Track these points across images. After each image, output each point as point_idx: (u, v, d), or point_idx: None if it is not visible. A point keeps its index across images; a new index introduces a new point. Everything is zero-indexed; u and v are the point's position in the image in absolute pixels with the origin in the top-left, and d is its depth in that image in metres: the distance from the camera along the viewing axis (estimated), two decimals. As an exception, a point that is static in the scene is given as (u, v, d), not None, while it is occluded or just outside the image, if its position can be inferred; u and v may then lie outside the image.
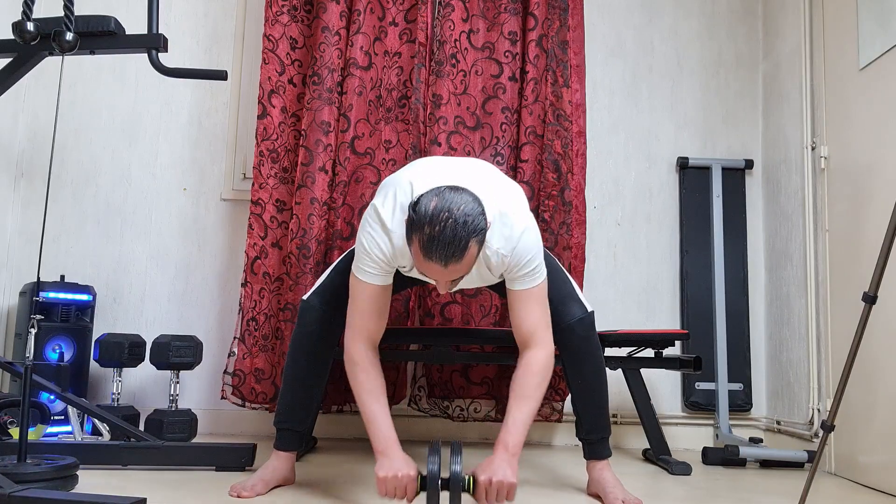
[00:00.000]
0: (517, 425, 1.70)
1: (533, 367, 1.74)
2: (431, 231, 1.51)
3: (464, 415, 2.85)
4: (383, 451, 1.69)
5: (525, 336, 1.77)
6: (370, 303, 1.77)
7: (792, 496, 2.04)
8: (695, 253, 3.06)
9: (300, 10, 2.92)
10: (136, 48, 2.11)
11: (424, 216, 1.53)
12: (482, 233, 1.56)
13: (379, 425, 1.72)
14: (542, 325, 1.77)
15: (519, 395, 1.72)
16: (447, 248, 1.51)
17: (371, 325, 1.78)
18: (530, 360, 1.75)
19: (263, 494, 1.85)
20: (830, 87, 2.63)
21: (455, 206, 1.53)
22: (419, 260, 1.57)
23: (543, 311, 1.78)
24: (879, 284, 1.63)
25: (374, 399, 1.74)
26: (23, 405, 1.72)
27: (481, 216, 1.56)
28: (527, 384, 1.73)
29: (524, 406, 1.71)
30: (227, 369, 2.79)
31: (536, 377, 1.74)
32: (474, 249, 1.55)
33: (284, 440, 1.96)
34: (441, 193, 1.56)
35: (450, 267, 1.54)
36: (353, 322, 1.78)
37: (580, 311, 1.90)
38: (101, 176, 3.08)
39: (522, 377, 1.74)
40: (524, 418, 1.71)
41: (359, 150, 2.83)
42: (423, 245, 1.53)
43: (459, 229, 1.51)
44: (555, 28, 2.88)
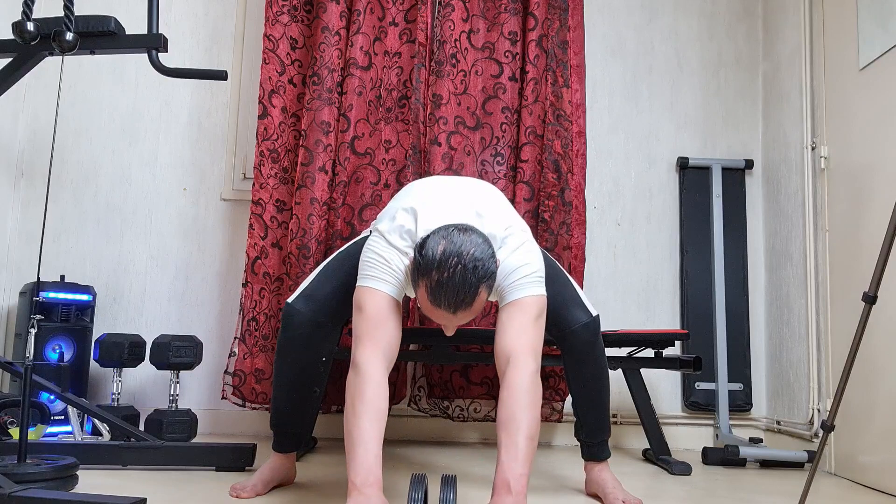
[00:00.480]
0: (516, 457, 1.44)
1: (516, 389, 1.49)
2: (440, 277, 1.44)
3: (464, 415, 2.85)
4: (360, 488, 1.38)
5: (501, 355, 1.56)
6: (385, 312, 1.57)
7: (792, 496, 2.04)
8: (695, 253, 3.06)
9: (300, 10, 2.92)
10: (136, 48, 2.11)
11: (432, 261, 1.45)
12: (492, 277, 1.49)
13: (366, 452, 1.42)
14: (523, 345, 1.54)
15: (507, 423, 1.47)
16: (457, 295, 1.44)
17: (387, 334, 1.56)
18: (511, 382, 1.51)
19: (263, 494, 1.85)
20: (830, 87, 2.63)
21: (465, 249, 1.45)
22: (426, 305, 1.50)
23: (528, 329, 1.56)
24: (879, 284, 1.63)
25: (372, 421, 1.45)
26: (23, 405, 1.72)
27: (491, 259, 1.49)
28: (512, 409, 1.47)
29: (516, 433, 1.45)
30: (228, 369, 2.79)
31: (523, 398, 1.48)
32: (484, 295, 1.48)
33: (282, 442, 1.95)
34: (449, 236, 1.48)
35: (459, 314, 1.48)
36: (364, 334, 1.55)
37: (584, 316, 1.84)
38: (101, 176, 3.08)
39: (505, 401, 1.49)
40: (521, 447, 1.44)
41: (359, 150, 2.83)
42: (430, 291, 1.46)
43: (469, 275, 1.44)
44: (555, 28, 2.89)
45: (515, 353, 1.53)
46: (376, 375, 1.50)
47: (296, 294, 1.86)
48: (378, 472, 1.41)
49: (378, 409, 1.47)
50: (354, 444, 1.43)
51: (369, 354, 1.53)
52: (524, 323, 1.57)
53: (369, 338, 1.55)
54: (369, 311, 1.57)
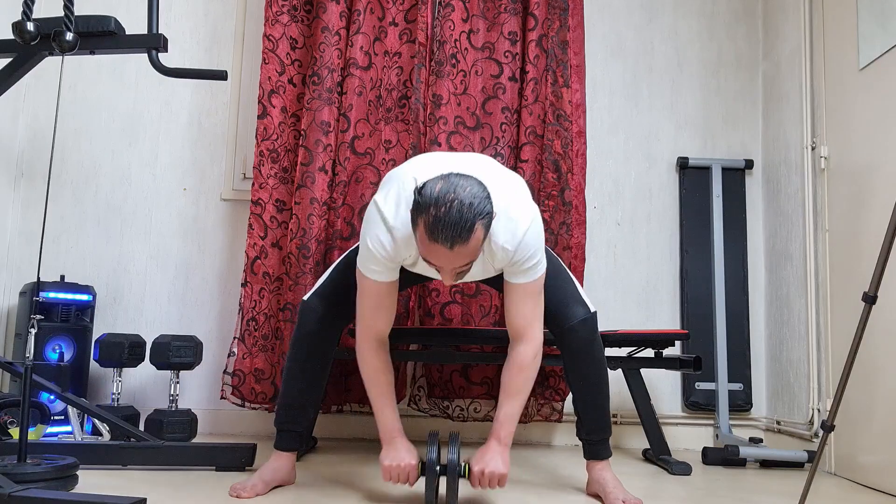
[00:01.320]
0: (508, 419, 1.79)
1: (522, 364, 1.79)
2: (437, 212, 1.50)
3: (464, 415, 2.85)
4: (388, 440, 1.79)
5: (516, 330, 1.81)
6: (377, 299, 1.80)
7: (792, 496, 2.04)
8: (695, 253, 3.06)
9: (300, 10, 2.92)
10: (136, 48, 2.11)
11: (430, 198, 1.52)
12: (488, 216, 1.55)
13: (385, 417, 1.81)
14: (533, 321, 1.80)
15: (509, 391, 1.80)
16: (453, 229, 1.50)
17: (379, 322, 1.81)
18: (519, 356, 1.80)
19: (263, 494, 1.85)
20: (830, 87, 2.63)
21: (461, 188, 1.53)
22: (424, 244, 1.55)
23: (536, 306, 1.81)
24: (879, 284, 1.63)
25: (380, 393, 1.82)
26: (23, 405, 1.72)
27: (487, 200, 1.55)
28: (516, 381, 1.79)
29: (514, 401, 1.79)
30: (227, 369, 2.79)
31: (525, 373, 1.79)
32: (480, 232, 1.54)
33: (284, 440, 1.96)
34: (447, 178, 1.56)
35: (456, 249, 1.52)
36: (361, 320, 1.82)
37: (583, 312, 1.88)
38: (101, 176, 3.08)
39: (513, 374, 1.80)
40: (514, 412, 1.79)
41: (359, 150, 2.83)
42: (428, 227, 1.52)
43: (466, 210, 1.50)
44: (555, 28, 2.88)
45: (529, 330, 1.80)
46: (372, 358, 1.82)
47: (311, 292, 1.96)
48: (398, 425, 1.81)
49: (382, 382, 1.82)
50: (376, 415, 1.82)
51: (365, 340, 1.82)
52: (535, 302, 1.80)
53: (367, 325, 1.81)
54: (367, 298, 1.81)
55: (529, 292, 1.78)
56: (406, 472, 1.74)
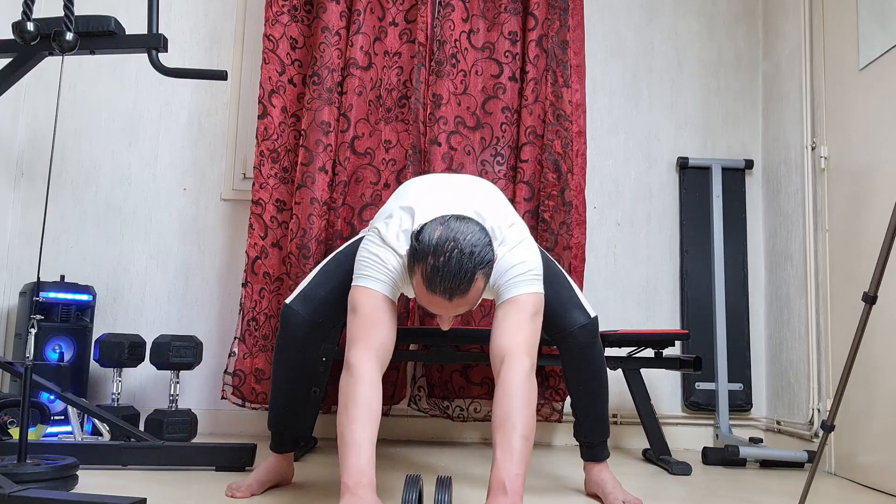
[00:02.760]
0: (511, 457, 1.43)
1: (510, 388, 1.48)
2: (436, 262, 1.42)
3: (464, 415, 2.85)
4: (352, 489, 1.38)
5: (497, 352, 1.55)
6: (379, 312, 1.57)
7: (792, 496, 2.04)
8: (695, 253, 3.06)
9: (300, 10, 2.92)
10: (136, 48, 2.11)
11: (428, 246, 1.44)
12: (489, 265, 1.47)
13: (359, 454, 1.42)
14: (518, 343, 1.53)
15: (502, 423, 1.46)
16: (452, 281, 1.42)
17: (381, 335, 1.55)
18: (506, 381, 1.50)
19: (258, 494, 1.85)
20: (830, 87, 2.63)
21: (461, 235, 1.44)
22: (422, 293, 1.48)
23: (524, 327, 1.55)
24: (879, 284, 1.63)
25: (365, 423, 1.45)
26: (23, 405, 1.72)
27: (488, 247, 1.47)
28: (507, 408, 1.47)
29: (512, 433, 1.45)
30: (228, 369, 2.79)
31: (517, 398, 1.47)
32: (481, 283, 1.46)
33: (279, 442, 1.95)
34: (446, 222, 1.47)
35: (454, 301, 1.45)
36: (358, 334, 1.55)
37: (583, 318, 1.83)
38: (101, 176, 3.08)
39: (500, 400, 1.48)
40: (516, 447, 1.44)
41: (359, 150, 2.83)
42: (426, 277, 1.44)
43: (466, 261, 1.42)
44: (555, 28, 2.88)
45: (510, 352, 1.53)
46: (369, 376, 1.50)
47: (294, 295, 1.85)
48: (371, 473, 1.41)
49: (371, 411, 1.46)
50: (347, 447, 1.43)
51: (362, 355, 1.52)
52: (520, 321, 1.56)
53: (362, 338, 1.54)
54: (363, 311, 1.56)
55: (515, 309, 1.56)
56: None
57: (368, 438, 1.44)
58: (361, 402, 1.46)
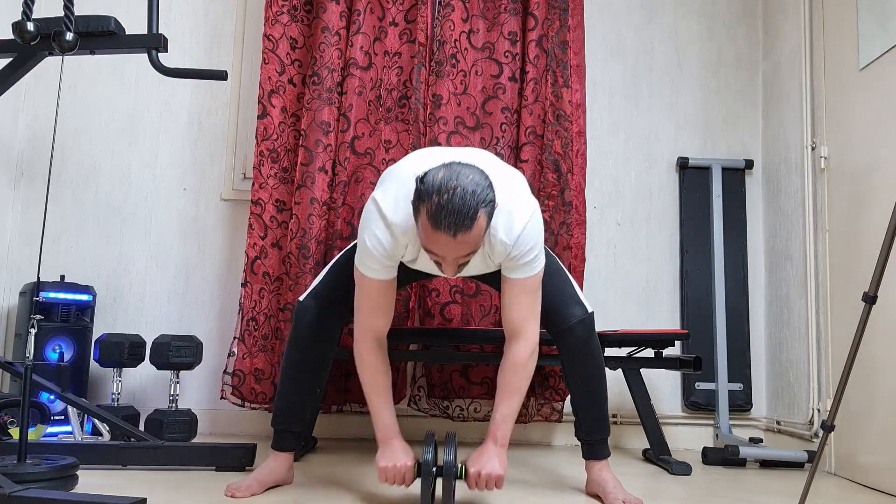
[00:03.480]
0: (505, 419, 1.77)
1: (517, 362, 1.77)
2: (440, 200, 1.49)
3: (464, 415, 2.85)
4: (384, 441, 1.77)
5: (511, 325, 1.78)
6: (375, 298, 1.78)
7: (792, 496, 2.04)
8: (695, 253, 3.06)
9: (300, 10, 2.92)
10: (136, 48, 2.11)
11: (432, 186, 1.51)
12: (491, 204, 1.55)
13: (381, 418, 1.79)
14: (529, 317, 1.78)
15: (505, 391, 1.78)
16: (456, 217, 1.49)
17: (376, 321, 1.80)
18: (514, 355, 1.78)
19: (259, 494, 1.85)
20: (830, 87, 2.63)
21: (463, 176, 1.52)
22: (427, 232, 1.54)
23: (533, 303, 1.79)
24: (879, 284, 1.63)
25: (377, 393, 1.80)
26: (23, 405, 1.72)
27: (489, 188, 1.55)
28: (512, 380, 1.78)
29: (511, 400, 1.78)
30: (227, 369, 2.79)
31: (521, 371, 1.78)
32: (483, 220, 1.53)
33: (282, 440, 1.95)
34: (449, 166, 1.56)
35: (459, 237, 1.51)
36: (359, 319, 1.81)
37: (581, 312, 1.88)
38: (101, 176, 3.08)
39: (508, 373, 1.78)
40: (511, 412, 1.78)
41: (359, 150, 2.83)
42: (431, 215, 1.51)
43: (469, 198, 1.50)
44: (555, 28, 2.88)
45: (524, 329, 1.77)
46: (369, 357, 1.80)
47: (307, 292, 1.94)
48: (395, 425, 1.79)
49: (380, 382, 1.80)
50: (372, 415, 1.80)
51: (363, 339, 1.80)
52: (533, 301, 1.79)
53: (365, 325, 1.80)
54: (364, 298, 1.80)
55: (526, 288, 1.77)
56: (402, 474, 1.72)
57: (384, 404, 1.80)
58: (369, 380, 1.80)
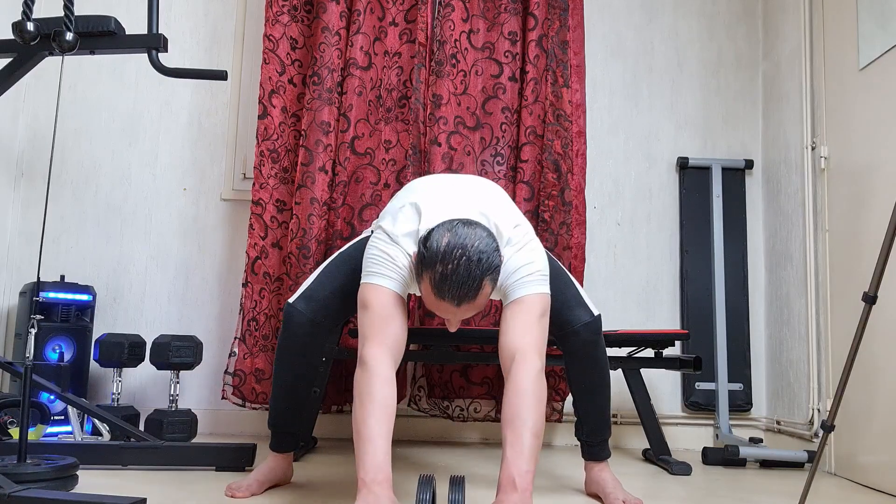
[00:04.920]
0: (521, 453, 1.45)
1: (520, 384, 1.51)
2: (444, 269, 1.45)
3: (464, 415, 2.85)
4: (369, 486, 1.39)
5: (507, 353, 1.56)
6: (390, 308, 1.58)
7: (792, 496, 2.04)
8: (695, 253, 3.06)
9: (300, 11, 2.92)
10: (136, 48, 2.11)
11: (436, 253, 1.46)
12: (496, 270, 1.50)
13: (375, 450, 1.43)
14: (528, 343, 1.55)
15: (512, 420, 1.48)
16: (461, 288, 1.45)
17: (393, 331, 1.57)
18: (515, 378, 1.52)
19: (258, 494, 1.85)
20: (830, 87, 2.63)
21: (469, 242, 1.46)
22: (430, 299, 1.51)
23: (532, 327, 1.57)
24: (879, 284, 1.63)
25: (380, 418, 1.46)
26: (23, 405, 1.72)
27: (496, 252, 1.50)
28: (517, 407, 1.49)
29: (522, 430, 1.47)
30: (228, 369, 2.79)
31: (526, 397, 1.49)
32: (488, 288, 1.50)
33: (279, 442, 1.95)
34: (454, 229, 1.49)
35: (463, 307, 1.49)
36: (371, 331, 1.56)
37: (586, 316, 1.83)
38: (101, 176, 3.08)
39: (511, 400, 1.50)
40: (526, 444, 1.46)
41: (359, 150, 2.83)
42: (434, 284, 1.47)
43: (474, 268, 1.45)
44: (555, 28, 2.89)
45: (521, 352, 1.55)
46: (384, 372, 1.51)
47: (296, 294, 1.86)
48: (387, 469, 1.42)
49: (386, 406, 1.47)
50: (363, 442, 1.44)
51: (376, 351, 1.54)
52: (528, 321, 1.58)
53: (376, 335, 1.55)
54: (375, 307, 1.57)
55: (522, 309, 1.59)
56: None
57: (384, 434, 1.45)
58: (377, 398, 1.47)
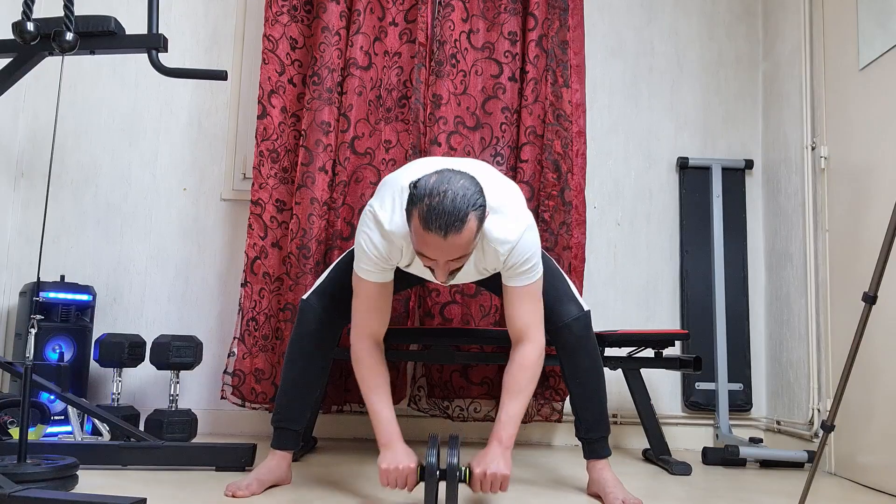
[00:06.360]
0: (510, 420, 1.77)
1: (524, 363, 1.79)
2: (431, 202, 1.54)
3: (464, 415, 2.85)
4: (386, 444, 1.76)
5: (517, 332, 1.82)
6: (372, 300, 1.82)
7: (792, 496, 2.04)
8: (695, 253, 3.06)
9: (300, 11, 2.92)
10: (136, 48, 2.11)
11: (424, 190, 1.57)
12: (481, 209, 1.59)
13: (381, 419, 1.79)
14: (534, 322, 1.82)
15: (511, 391, 1.78)
16: (447, 218, 1.53)
17: (373, 322, 1.84)
18: (521, 356, 1.80)
19: (258, 494, 1.85)
20: (830, 87, 2.63)
21: (455, 181, 1.57)
22: (419, 234, 1.58)
23: (536, 308, 1.83)
24: (879, 284, 1.63)
25: (377, 395, 1.81)
26: (23, 405, 1.72)
27: (480, 194, 1.59)
28: (519, 380, 1.78)
29: (516, 401, 1.78)
30: (227, 369, 2.79)
31: (528, 372, 1.79)
32: (473, 223, 1.57)
33: (281, 439, 1.96)
34: (441, 172, 1.61)
35: (449, 239, 1.55)
36: (356, 320, 1.85)
37: (576, 311, 1.92)
38: (101, 176, 3.08)
39: (514, 373, 1.80)
40: (517, 412, 1.77)
41: (359, 150, 2.83)
42: (422, 217, 1.55)
43: (459, 200, 1.54)
44: (555, 28, 2.88)
45: (529, 333, 1.81)
46: (367, 359, 1.82)
47: (310, 291, 1.98)
48: (396, 428, 1.78)
49: (379, 383, 1.81)
50: (372, 417, 1.80)
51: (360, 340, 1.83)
52: (534, 307, 1.82)
53: (362, 326, 1.83)
54: (362, 300, 1.83)
55: (528, 295, 1.81)
56: (404, 477, 1.72)
57: (385, 405, 1.80)
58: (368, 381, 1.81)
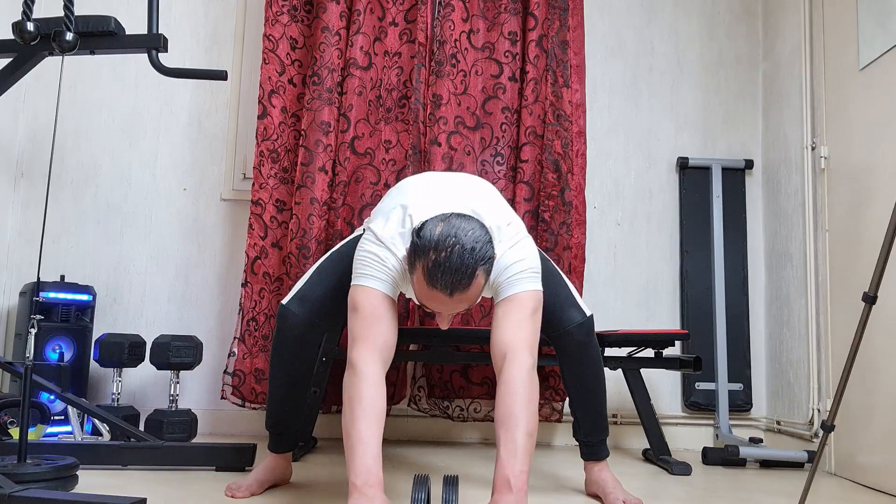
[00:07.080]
0: (515, 454, 1.44)
1: (513, 385, 1.49)
2: (437, 257, 1.43)
3: (464, 415, 2.85)
4: (361, 488, 1.38)
5: (498, 350, 1.56)
6: (380, 310, 1.56)
7: (792, 496, 2.04)
8: (695, 253, 3.06)
9: (300, 11, 2.92)
10: (136, 48, 2.11)
11: (429, 241, 1.44)
12: (490, 261, 1.48)
13: (366, 452, 1.41)
14: (519, 339, 1.54)
15: (505, 420, 1.47)
16: (454, 276, 1.43)
17: (383, 333, 1.55)
18: (506, 376, 1.51)
19: (258, 494, 1.85)
20: (830, 87, 2.63)
21: (462, 231, 1.45)
22: (422, 289, 1.47)
23: (525, 325, 1.56)
24: (879, 284, 1.63)
25: (370, 421, 1.45)
26: (23, 405, 1.72)
27: (489, 244, 1.48)
28: (511, 404, 1.48)
29: (515, 430, 1.46)
30: (227, 369, 2.80)
31: (520, 395, 1.49)
32: (481, 279, 1.47)
33: (277, 442, 1.95)
34: (447, 219, 1.48)
35: (455, 297, 1.45)
36: (360, 333, 1.55)
37: (579, 316, 1.84)
38: (101, 176, 3.08)
39: (504, 399, 1.49)
40: (520, 444, 1.44)
41: (359, 150, 2.83)
42: (427, 272, 1.44)
43: (467, 256, 1.43)
44: (555, 28, 2.89)
45: (512, 349, 1.54)
46: (373, 375, 1.50)
47: (290, 295, 1.85)
48: (378, 472, 1.41)
49: (376, 409, 1.46)
50: (354, 446, 1.43)
51: (365, 354, 1.52)
52: (520, 318, 1.57)
53: (365, 337, 1.54)
54: (364, 310, 1.56)
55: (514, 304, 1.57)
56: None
57: (374, 437, 1.44)
58: (366, 401, 1.46)
